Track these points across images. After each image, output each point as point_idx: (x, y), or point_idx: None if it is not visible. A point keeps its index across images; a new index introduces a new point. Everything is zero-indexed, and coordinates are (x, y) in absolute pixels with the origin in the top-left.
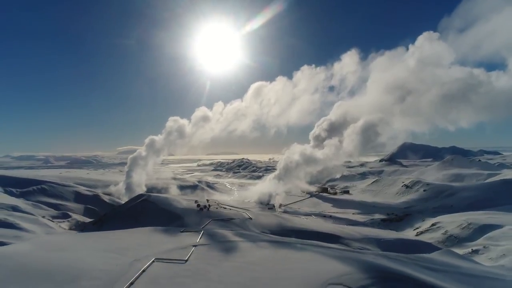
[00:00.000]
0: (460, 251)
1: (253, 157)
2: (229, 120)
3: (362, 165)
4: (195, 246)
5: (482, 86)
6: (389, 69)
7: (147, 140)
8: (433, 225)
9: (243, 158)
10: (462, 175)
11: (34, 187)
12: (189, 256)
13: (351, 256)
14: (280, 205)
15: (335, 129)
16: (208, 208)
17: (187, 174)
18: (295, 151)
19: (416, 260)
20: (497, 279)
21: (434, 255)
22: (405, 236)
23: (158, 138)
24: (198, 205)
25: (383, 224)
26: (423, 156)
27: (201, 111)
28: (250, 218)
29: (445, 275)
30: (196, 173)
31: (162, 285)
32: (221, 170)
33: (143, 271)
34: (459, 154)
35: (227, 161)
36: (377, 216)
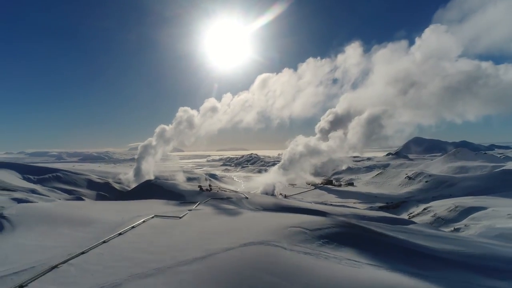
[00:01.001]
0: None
1: (262, 152)
2: (236, 111)
3: (369, 159)
4: (190, 210)
5: (490, 78)
6: (393, 61)
7: (157, 129)
8: (424, 209)
9: (251, 154)
10: (467, 167)
11: (50, 175)
12: (184, 215)
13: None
14: (280, 194)
15: (340, 122)
16: (210, 190)
17: (196, 169)
18: (300, 143)
19: (382, 223)
20: (454, 239)
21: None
22: (388, 215)
23: (169, 127)
24: (200, 187)
25: (381, 211)
26: (432, 150)
27: (210, 102)
28: (246, 198)
29: (402, 233)
30: (205, 168)
31: (158, 229)
32: (230, 165)
33: (144, 221)
34: (469, 149)
35: (236, 156)
36: (377, 204)
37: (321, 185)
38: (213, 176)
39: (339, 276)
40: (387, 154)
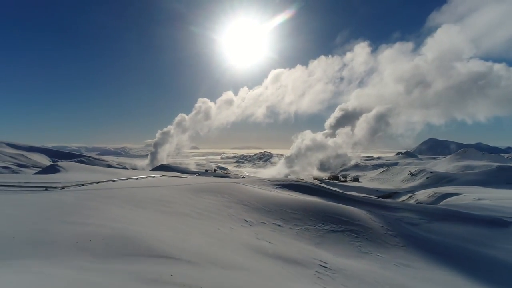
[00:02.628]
0: None
1: (276, 151)
2: (249, 104)
3: (379, 158)
4: (191, 175)
5: (502, 80)
6: (401, 60)
7: (177, 118)
8: (410, 197)
9: (265, 151)
10: (472, 166)
11: (75, 159)
12: (185, 178)
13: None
14: None
15: (350, 117)
16: (214, 171)
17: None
18: (306, 138)
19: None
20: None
21: None
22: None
23: (188, 117)
24: (206, 170)
25: None
26: (445, 151)
27: (227, 94)
28: (244, 177)
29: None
30: (218, 164)
31: (164, 181)
32: (243, 162)
33: (153, 176)
34: (484, 151)
35: (250, 154)
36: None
37: (327, 180)
38: (223, 169)
39: (270, 195)
40: (397, 154)
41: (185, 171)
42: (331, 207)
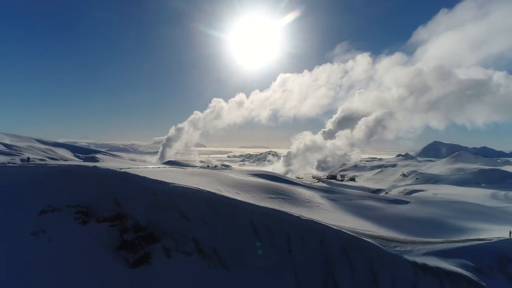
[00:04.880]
0: None
1: (282, 151)
2: (255, 107)
3: (380, 159)
4: (194, 168)
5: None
6: (398, 69)
7: (192, 116)
8: (386, 193)
9: (270, 151)
10: (464, 169)
11: (93, 154)
12: (189, 169)
13: None
14: None
15: (350, 119)
16: (215, 167)
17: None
18: (306, 138)
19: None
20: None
21: None
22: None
23: (202, 114)
24: (208, 165)
25: None
26: (449, 154)
27: (239, 96)
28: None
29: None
30: (224, 162)
31: (173, 169)
32: (248, 161)
33: (164, 167)
34: (487, 155)
35: (256, 153)
36: None
37: (326, 179)
38: (226, 166)
39: (240, 178)
40: (397, 156)
41: (190, 166)
42: (275, 186)
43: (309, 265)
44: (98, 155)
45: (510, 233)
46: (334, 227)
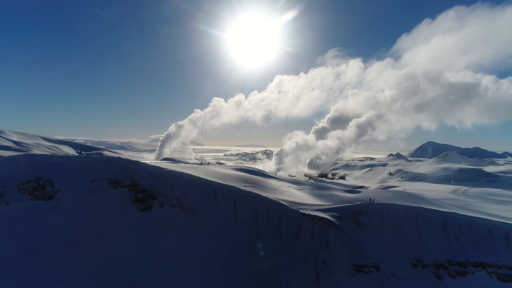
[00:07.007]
0: None
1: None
2: (251, 107)
3: (372, 159)
4: (187, 163)
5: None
6: (393, 70)
7: (192, 115)
8: (366, 188)
9: (266, 149)
10: (450, 168)
11: (94, 151)
12: (182, 165)
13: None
14: None
15: (341, 119)
16: (207, 164)
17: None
18: (298, 137)
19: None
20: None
21: None
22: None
23: (202, 112)
24: (201, 162)
25: None
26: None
27: (238, 96)
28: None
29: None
30: (220, 160)
31: (170, 165)
32: (245, 160)
33: (161, 162)
34: (480, 155)
35: (252, 152)
36: None
37: (317, 177)
38: (220, 164)
39: (223, 172)
40: (388, 155)
41: (184, 163)
42: (251, 178)
43: (244, 216)
44: (100, 152)
45: (370, 199)
46: (268, 198)
